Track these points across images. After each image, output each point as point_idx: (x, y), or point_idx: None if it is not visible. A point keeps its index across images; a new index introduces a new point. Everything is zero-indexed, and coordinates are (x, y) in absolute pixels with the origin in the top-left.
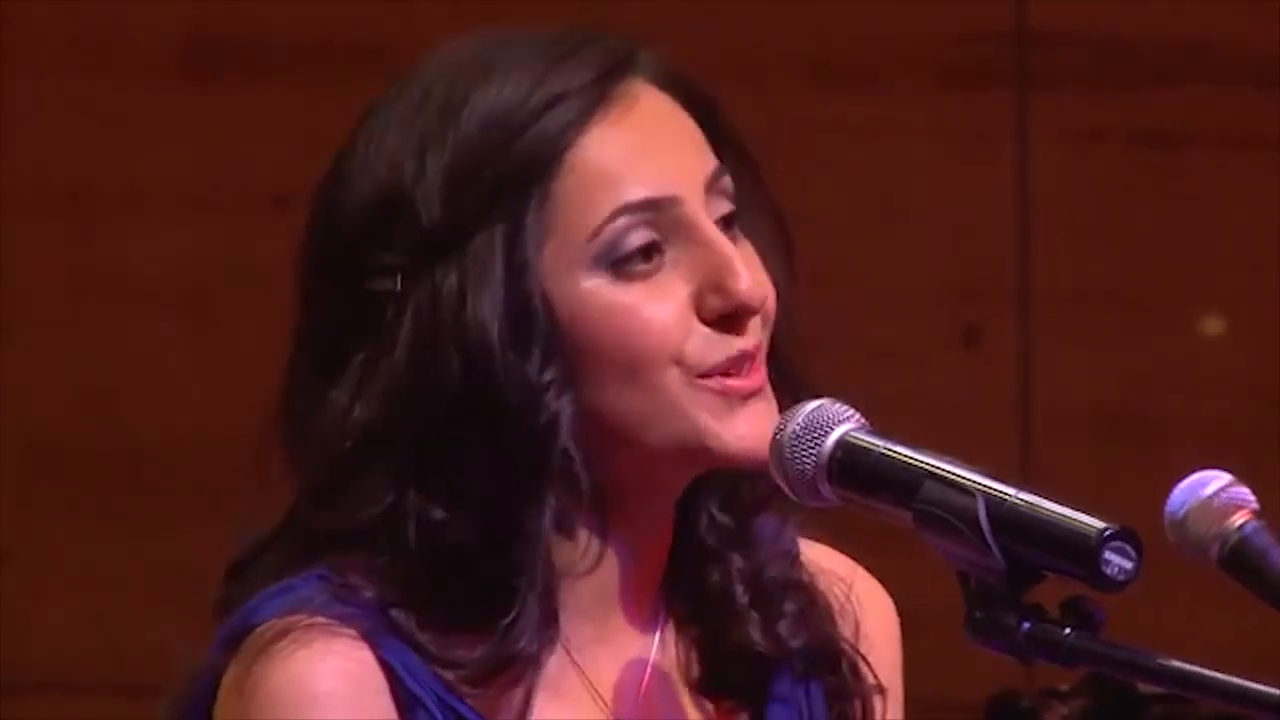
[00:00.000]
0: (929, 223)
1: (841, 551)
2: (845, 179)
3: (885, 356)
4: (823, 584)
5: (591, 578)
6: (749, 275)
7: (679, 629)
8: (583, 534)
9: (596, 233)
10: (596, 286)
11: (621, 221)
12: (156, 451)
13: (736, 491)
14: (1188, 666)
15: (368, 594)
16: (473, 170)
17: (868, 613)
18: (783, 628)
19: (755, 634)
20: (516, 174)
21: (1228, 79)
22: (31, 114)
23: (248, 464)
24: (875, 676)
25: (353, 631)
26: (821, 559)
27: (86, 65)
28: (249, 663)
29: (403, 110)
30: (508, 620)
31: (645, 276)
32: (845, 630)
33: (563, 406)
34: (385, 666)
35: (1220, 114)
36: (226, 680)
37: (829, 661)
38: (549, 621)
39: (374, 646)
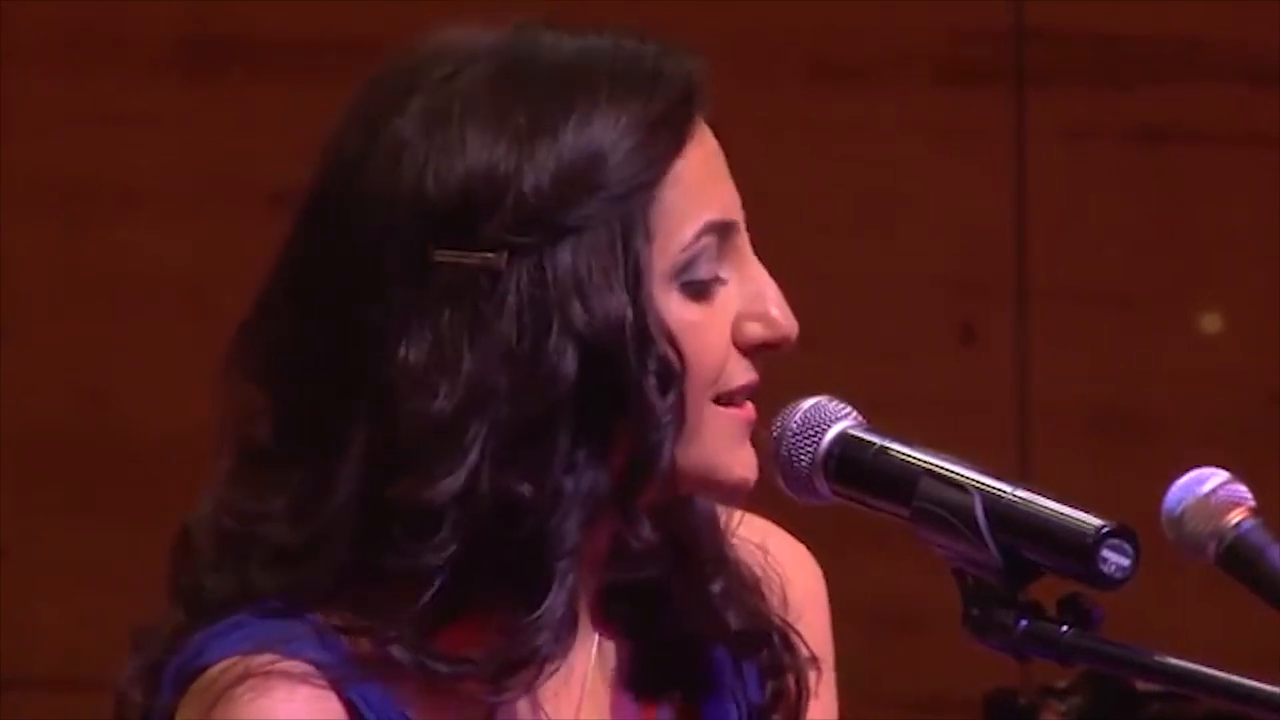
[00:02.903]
0: (926, 220)
1: (838, 550)
2: (842, 176)
3: (882, 354)
4: (744, 554)
5: None
6: (787, 310)
7: (614, 634)
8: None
9: (687, 246)
10: (670, 298)
11: (705, 240)
12: (154, 449)
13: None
14: (1185, 664)
15: (329, 622)
16: (586, 165)
17: (792, 580)
18: (722, 617)
19: (692, 629)
20: (630, 178)
21: (1225, 77)
22: (28, 112)
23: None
24: (808, 648)
25: (314, 672)
26: (738, 526)
27: (84, 63)
28: (208, 706)
29: (481, 95)
30: (535, 616)
31: (704, 299)
32: (772, 601)
33: (670, 429)
34: (348, 705)
35: (1217, 112)
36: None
37: (761, 639)
38: (570, 625)
39: (337, 688)
